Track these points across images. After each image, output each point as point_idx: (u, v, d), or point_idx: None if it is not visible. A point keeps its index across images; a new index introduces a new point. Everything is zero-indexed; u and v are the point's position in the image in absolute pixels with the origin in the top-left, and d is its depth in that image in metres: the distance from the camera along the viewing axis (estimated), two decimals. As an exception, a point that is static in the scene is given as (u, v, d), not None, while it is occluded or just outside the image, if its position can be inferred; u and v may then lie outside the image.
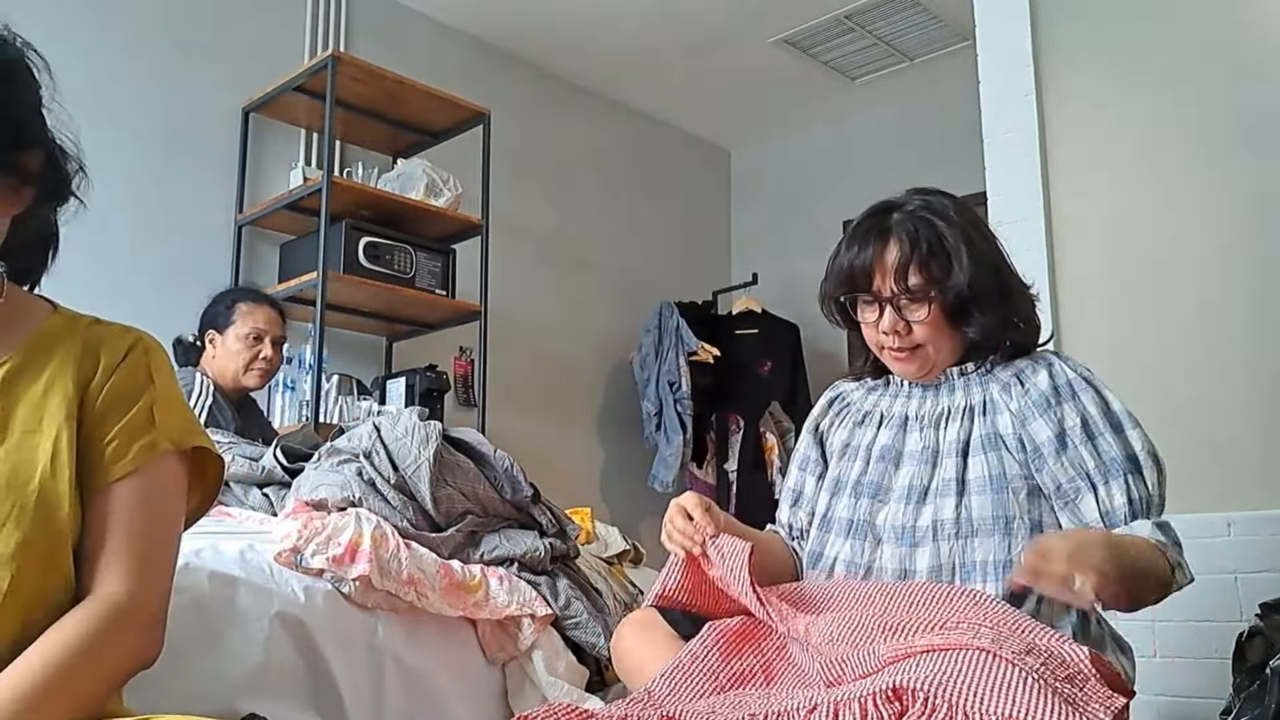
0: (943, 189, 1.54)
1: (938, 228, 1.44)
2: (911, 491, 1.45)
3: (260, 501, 2.04)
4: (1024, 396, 1.45)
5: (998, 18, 2.98)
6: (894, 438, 1.52)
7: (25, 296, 1.06)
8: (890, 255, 1.46)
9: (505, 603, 1.83)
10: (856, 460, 1.55)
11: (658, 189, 5.20)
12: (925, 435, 1.49)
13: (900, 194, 1.53)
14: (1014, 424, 1.43)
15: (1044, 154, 2.85)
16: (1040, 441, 1.41)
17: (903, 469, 1.49)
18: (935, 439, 1.48)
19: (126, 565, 0.96)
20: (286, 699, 1.52)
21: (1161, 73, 2.72)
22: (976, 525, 1.39)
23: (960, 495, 1.41)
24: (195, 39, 3.57)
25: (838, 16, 4.27)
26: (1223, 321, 2.54)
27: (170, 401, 1.05)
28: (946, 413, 1.50)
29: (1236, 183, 2.58)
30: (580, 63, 4.67)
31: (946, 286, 1.43)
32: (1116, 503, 1.38)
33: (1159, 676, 2.43)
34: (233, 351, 2.81)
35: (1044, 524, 1.40)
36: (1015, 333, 1.50)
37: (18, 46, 0.97)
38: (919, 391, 1.55)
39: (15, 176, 0.96)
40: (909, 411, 1.54)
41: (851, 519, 1.49)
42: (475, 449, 2.02)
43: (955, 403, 1.50)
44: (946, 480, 1.43)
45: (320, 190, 3.32)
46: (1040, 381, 1.45)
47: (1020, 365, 1.49)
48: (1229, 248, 2.56)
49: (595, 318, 4.76)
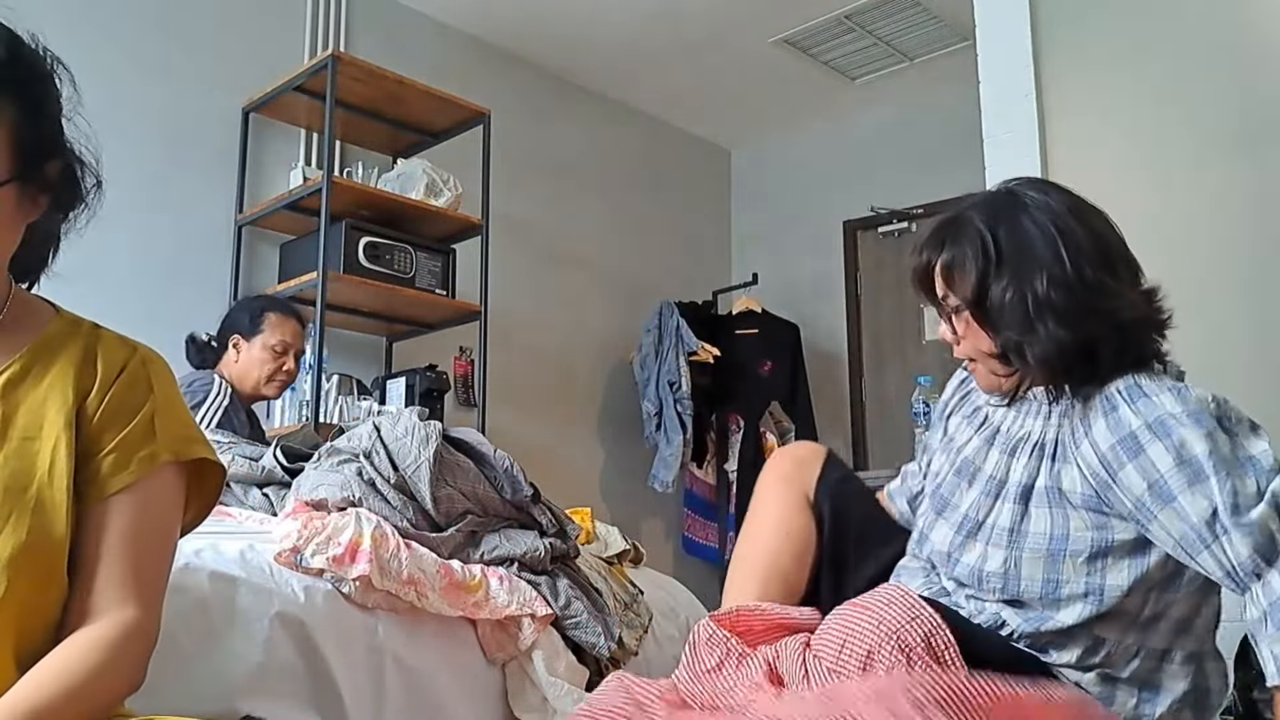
0: (1048, 181, 1.42)
1: (976, 230, 1.30)
2: (965, 523, 1.34)
3: (260, 501, 2.04)
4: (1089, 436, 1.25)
5: (998, 18, 2.98)
6: (978, 452, 1.39)
7: (29, 299, 1.06)
8: (920, 262, 1.37)
9: (505, 602, 1.83)
10: (945, 462, 1.44)
11: (658, 189, 5.20)
12: (1000, 461, 1.35)
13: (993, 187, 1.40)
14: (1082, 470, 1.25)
15: (1044, 154, 2.85)
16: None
17: (972, 490, 1.36)
18: (1006, 469, 1.34)
19: (134, 587, 0.96)
20: (286, 699, 1.52)
21: (1162, 73, 2.72)
22: (1023, 587, 1.26)
23: (1009, 548, 1.28)
24: (195, 39, 3.57)
25: (838, 16, 4.27)
26: (1223, 321, 2.54)
27: (171, 410, 1.04)
28: (1026, 440, 1.34)
29: (1237, 183, 2.58)
30: (580, 63, 4.67)
31: (970, 299, 1.30)
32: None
33: (1159, 677, 2.43)
34: (257, 360, 2.82)
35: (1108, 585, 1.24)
36: (1107, 349, 1.28)
37: (47, 61, 0.98)
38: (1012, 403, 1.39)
39: (36, 185, 0.97)
40: (999, 424, 1.40)
41: (921, 528, 1.42)
42: (475, 449, 2.02)
43: (1033, 431, 1.34)
44: (1001, 529, 1.30)
45: (320, 190, 3.32)
46: (1117, 419, 1.24)
47: (1110, 392, 1.27)
48: (1229, 248, 2.56)
49: (595, 318, 4.76)
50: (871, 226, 5.05)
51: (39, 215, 0.99)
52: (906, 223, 4.93)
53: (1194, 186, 2.64)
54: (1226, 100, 2.61)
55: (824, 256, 5.13)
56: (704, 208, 5.44)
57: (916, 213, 4.87)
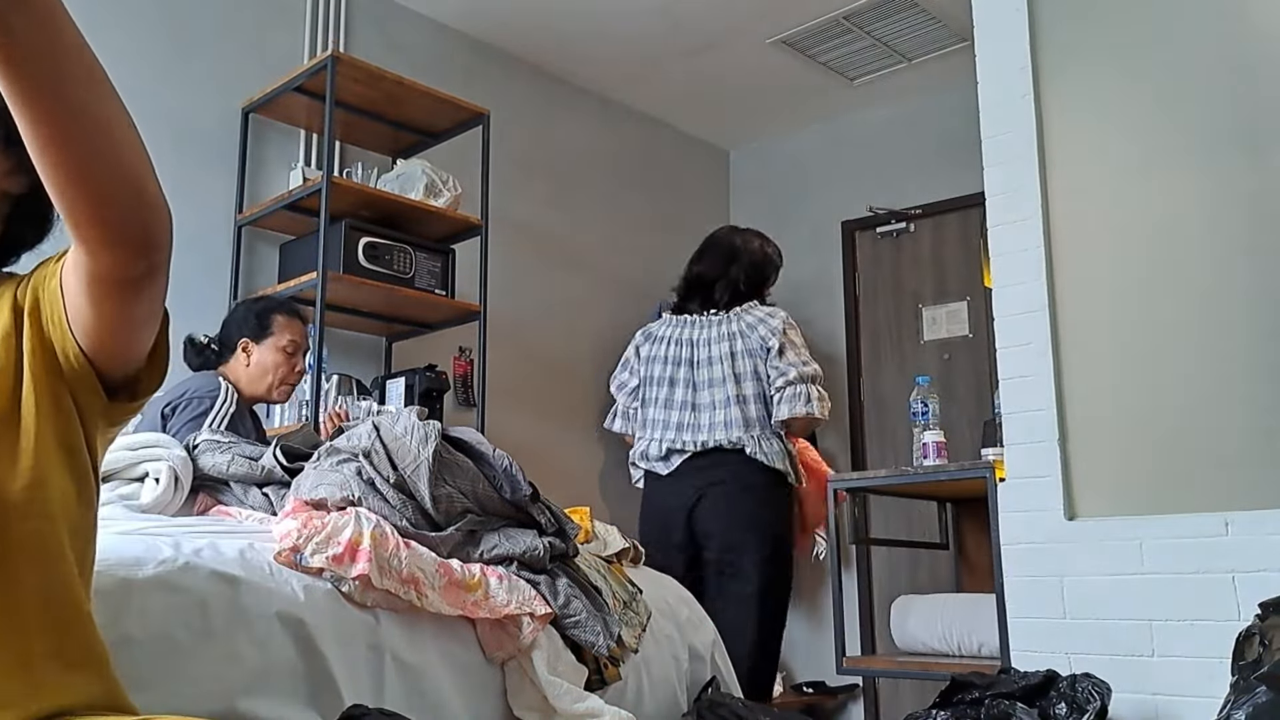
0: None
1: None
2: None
3: (260, 501, 2.04)
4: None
5: (996, 19, 2.98)
6: None
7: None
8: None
9: (504, 601, 1.83)
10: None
11: (657, 189, 5.21)
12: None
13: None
14: None
15: (1042, 155, 2.86)
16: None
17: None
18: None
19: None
20: (286, 698, 1.52)
21: (1160, 73, 2.72)
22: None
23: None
24: (195, 39, 3.57)
25: (836, 17, 4.28)
26: (1222, 321, 2.54)
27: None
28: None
29: (1235, 183, 2.58)
30: (579, 63, 4.68)
31: None
32: None
33: (1158, 676, 2.43)
34: (270, 363, 2.82)
35: None
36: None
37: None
38: None
39: (12, 159, 1.00)
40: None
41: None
42: (474, 448, 2.03)
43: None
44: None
45: (320, 190, 3.32)
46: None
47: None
48: (1228, 247, 2.57)
49: (595, 318, 4.76)
50: (870, 227, 5.06)
51: (20, 191, 1.02)
52: (905, 223, 4.94)
53: (1192, 186, 2.64)
54: (1224, 100, 2.62)
55: (822, 256, 5.13)
56: (703, 208, 5.45)
57: (915, 213, 4.87)
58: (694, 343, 3.54)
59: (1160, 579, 2.47)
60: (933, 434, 3.12)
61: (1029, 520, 2.69)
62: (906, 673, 3.21)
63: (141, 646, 1.38)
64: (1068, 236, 2.78)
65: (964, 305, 4.69)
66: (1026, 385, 2.76)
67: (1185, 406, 2.54)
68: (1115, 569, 2.53)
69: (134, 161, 0.89)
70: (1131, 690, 2.43)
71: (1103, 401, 2.66)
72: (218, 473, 2.07)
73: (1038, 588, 2.65)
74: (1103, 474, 2.63)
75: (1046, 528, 2.66)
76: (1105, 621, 2.53)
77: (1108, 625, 2.52)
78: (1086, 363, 2.71)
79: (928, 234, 4.87)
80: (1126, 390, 2.64)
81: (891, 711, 4.47)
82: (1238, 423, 2.47)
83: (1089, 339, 2.71)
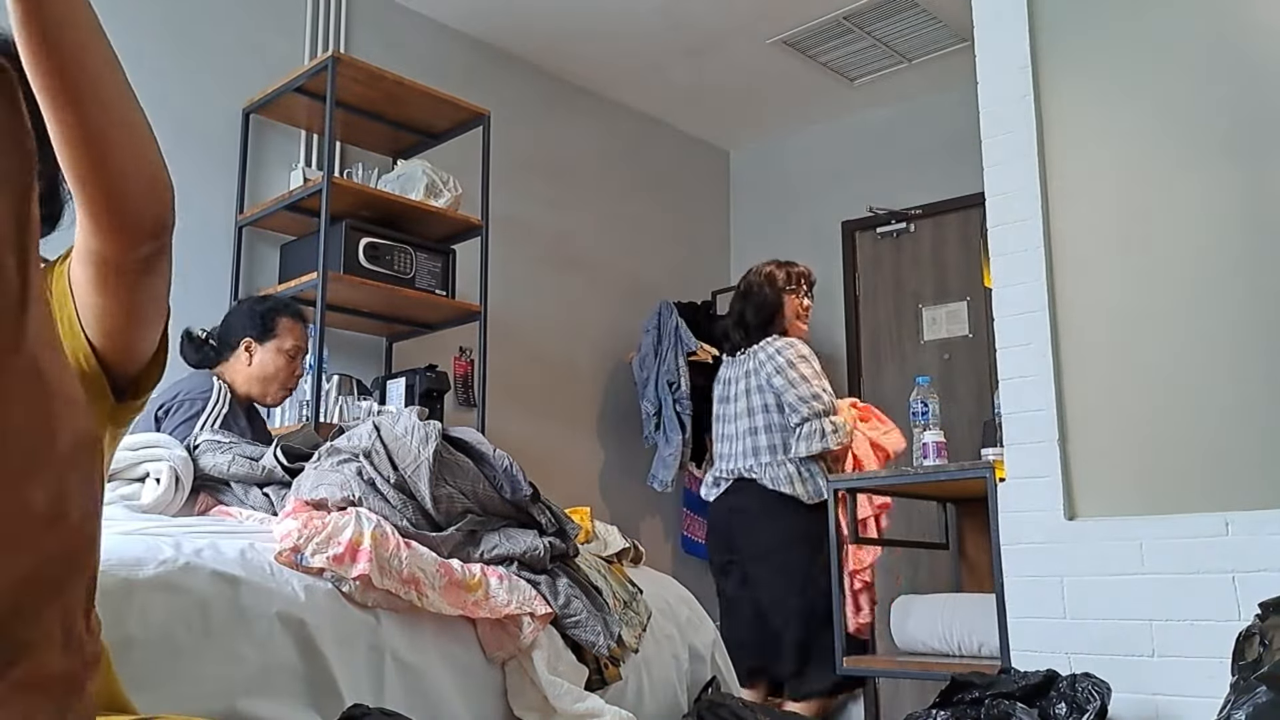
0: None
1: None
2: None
3: (260, 501, 2.05)
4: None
5: (996, 19, 2.98)
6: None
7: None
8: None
9: (505, 601, 1.84)
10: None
11: (657, 189, 5.21)
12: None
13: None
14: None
15: (1042, 155, 2.86)
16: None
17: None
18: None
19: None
20: (286, 698, 1.53)
21: (1160, 74, 2.72)
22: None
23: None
24: (195, 40, 3.57)
25: (836, 18, 4.28)
26: (1222, 321, 2.54)
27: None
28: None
29: (1235, 183, 2.58)
30: (580, 63, 4.68)
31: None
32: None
33: (1158, 676, 2.43)
34: (271, 365, 2.83)
35: None
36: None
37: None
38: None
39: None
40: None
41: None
42: (475, 448, 2.03)
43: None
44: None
45: (320, 191, 3.32)
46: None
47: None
48: (1227, 248, 2.57)
49: (595, 318, 4.77)
50: (870, 227, 5.06)
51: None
52: (905, 223, 4.94)
53: (1192, 186, 2.64)
54: (1224, 101, 2.62)
55: (822, 257, 5.13)
56: (703, 208, 5.45)
57: (915, 213, 4.87)
58: (725, 381, 3.89)
59: (1160, 579, 2.47)
60: (933, 434, 3.12)
61: (1029, 520, 2.69)
62: (906, 673, 3.21)
63: (142, 646, 1.39)
64: (1068, 236, 2.78)
65: (964, 305, 4.70)
66: (1026, 385, 2.76)
67: (1185, 406, 2.54)
68: (1115, 569, 2.54)
69: (150, 148, 0.95)
70: (1131, 690, 2.43)
71: (1103, 402, 2.66)
72: (218, 473, 2.08)
73: (1038, 588, 2.65)
74: (1103, 474, 2.63)
75: (1046, 528, 2.66)
76: (1105, 621, 2.53)
77: (1108, 625, 2.52)
78: (1086, 363, 2.71)
79: (928, 234, 4.87)
80: (1126, 390, 2.64)
81: (891, 711, 4.47)
82: (1238, 422, 2.47)
83: (1089, 339, 2.71)
